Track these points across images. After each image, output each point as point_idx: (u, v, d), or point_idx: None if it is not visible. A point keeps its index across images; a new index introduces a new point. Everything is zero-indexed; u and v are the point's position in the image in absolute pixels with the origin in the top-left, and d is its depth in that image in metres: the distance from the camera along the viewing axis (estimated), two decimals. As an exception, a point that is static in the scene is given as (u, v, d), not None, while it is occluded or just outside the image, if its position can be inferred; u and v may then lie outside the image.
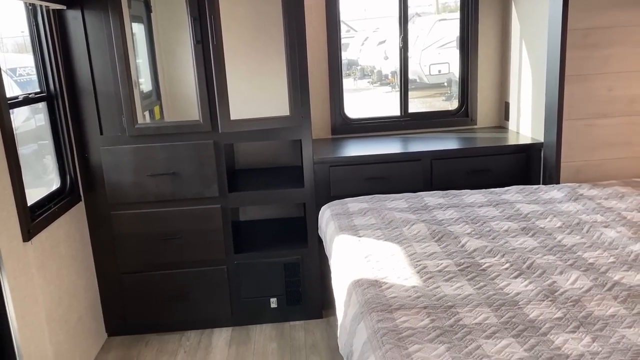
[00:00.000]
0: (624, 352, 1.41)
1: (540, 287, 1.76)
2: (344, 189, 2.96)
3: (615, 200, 2.47)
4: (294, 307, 3.03)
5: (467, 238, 2.15)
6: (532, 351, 1.44)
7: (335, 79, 3.36)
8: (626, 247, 2.01)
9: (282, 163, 3.38)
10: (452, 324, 1.58)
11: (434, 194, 2.68)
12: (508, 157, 2.98)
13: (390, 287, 1.80)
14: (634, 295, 1.68)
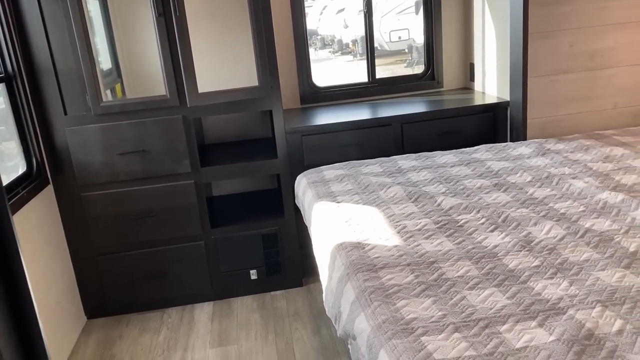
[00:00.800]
0: (600, 293, 1.49)
1: (516, 238, 1.83)
2: (317, 157, 2.97)
3: (580, 152, 2.56)
4: (274, 277, 3.05)
5: (443, 197, 2.20)
6: (514, 298, 1.50)
7: (301, 47, 3.34)
8: (594, 196, 2.09)
9: (252, 135, 3.35)
10: (436, 279, 1.63)
11: (407, 157, 2.71)
12: (476, 117, 3.04)
13: (373, 248, 1.84)
14: (605, 240, 1.76)
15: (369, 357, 1.41)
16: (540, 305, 1.45)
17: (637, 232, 1.79)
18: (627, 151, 2.50)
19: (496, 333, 1.36)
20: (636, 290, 1.48)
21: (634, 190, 2.10)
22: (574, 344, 1.29)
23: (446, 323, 1.41)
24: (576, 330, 1.33)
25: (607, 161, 2.42)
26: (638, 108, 2.90)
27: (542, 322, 1.38)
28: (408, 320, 1.43)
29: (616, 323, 1.35)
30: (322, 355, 2.49)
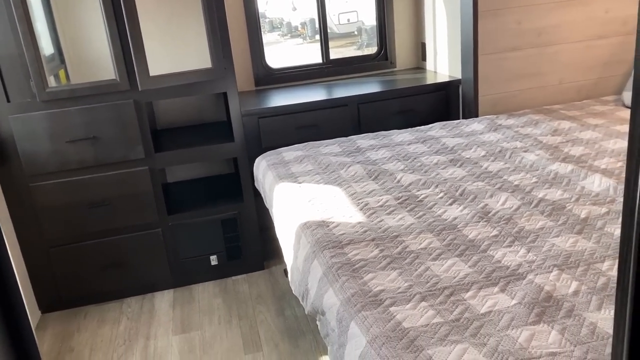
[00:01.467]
0: (556, 258, 1.56)
1: (474, 210, 1.88)
2: (275, 139, 2.95)
3: (530, 127, 2.65)
4: (235, 262, 3.03)
5: (402, 174, 2.24)
6: (475, 267, 1.55)
7: (253, 28, 3.29)
8: (546, 167, 2.18)
9: (206, 119, 3.29)
10: (400, 252, 1.66)
11: (364, 136, 2.74)
12: (429, 95, 3.09)
13: (337, 225, 1.85)
14: (558, 209, 1.84)
15: (339, 331, 1.43)
16: (501, 272, 1.51)
17: (587, 200, 1.88)
18: (574, 124, 2.61)
19: (461, 300, 1.40)
20: (589, 254, 1.56)
21: (582, 161, 2.20)
22: (535, 306, 1.35)
23: (413, 293, 1.44)
24: (536, 294, 1.39)
25: (555, 134, 2.52)
26: (582, 83, 3.03)
27: (504, 288, 1.44)
28: (376, 293, 1.45)
29: (572, 285, 1.42)
30: (287, 336, 2.50)
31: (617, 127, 2.51)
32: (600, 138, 2.41)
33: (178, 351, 2.47)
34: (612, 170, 2.08)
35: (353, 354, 1.32)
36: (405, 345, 1.24)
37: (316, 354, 2.36)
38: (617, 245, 1.59)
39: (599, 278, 1.44)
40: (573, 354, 1.17)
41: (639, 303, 0.66)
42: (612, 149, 2.28)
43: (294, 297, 2.79)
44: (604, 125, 2.57)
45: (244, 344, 2.48)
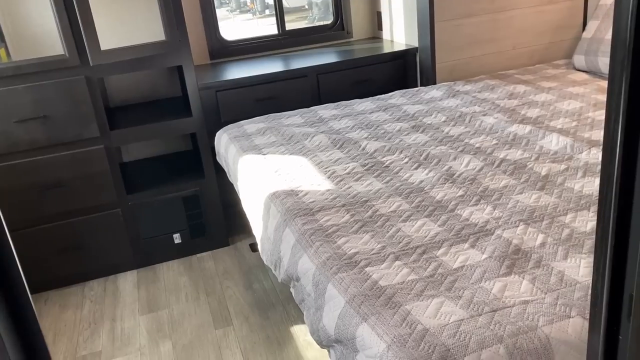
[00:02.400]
0: (521, 213, 1.61)
1: (439, 173, 1.92)
2: (234, 113, 2.90)
3: (487, 92, 2.70)
4: (199, 239, 2.99)
5: (366, 142, 2.25)
6: (445, 225, 1.58)
7: (205, 0, 3.20)
8: (505, 129, 2.23)
9: (160, 95, 3.20)
10: (370, 215, 1.67)
11: (326, 106, 2.73)
12: (387, 64, 3.10)
13: (307, 194, 1.85)
14: (519, 168, 1.90)
15: (316, 294, 1.44)
16: (470, 229, 1.55)
17: (546, 158, 1.94)
18: (529, 88, 2.68)
19: (433, 257, 1.43)
20: (552, 208, 1.61)
21: (539, 122, 2.26)
22: (505, 259, 1.39)
23: (386, 253, 1.46)
24: (505, 247, 1.44)
25: (512, 98, 2.58)
26: (534, 48, 3.10)
27: (474, 244, 1.48)
28: (350, 255, 1.47)
29: (538, 237, 1.47)
30: (257, 308, 2.50)
31: (569, 89, 2.60)
32: (554, 100, 2.49)
33: (146, 331, 2.43)
34: (568, 129, 2.15)
35: (332, 315, 1.33)
36: (383, 302, 1.26)
37: (287, 324, 2.37)
38: (577, 199, 1.65)
39: (563, 230, 1.49)
40: (544, 301, 1.22)
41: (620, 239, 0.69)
42: (567, 110, 2.36)
43: (261, 271, 2.79)
44: (557, 87, 2.65)
45: (214, 320, 2.46)
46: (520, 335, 1.13)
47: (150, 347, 2.33)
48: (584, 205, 1.60)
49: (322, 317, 1.38)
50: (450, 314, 1.20)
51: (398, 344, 1.13)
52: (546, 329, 1.14)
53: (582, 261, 1.35)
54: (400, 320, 1.20)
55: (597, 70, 2.76)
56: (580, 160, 1.89)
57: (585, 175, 1.78)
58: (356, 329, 1.23)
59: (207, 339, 2.35)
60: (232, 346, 2.28)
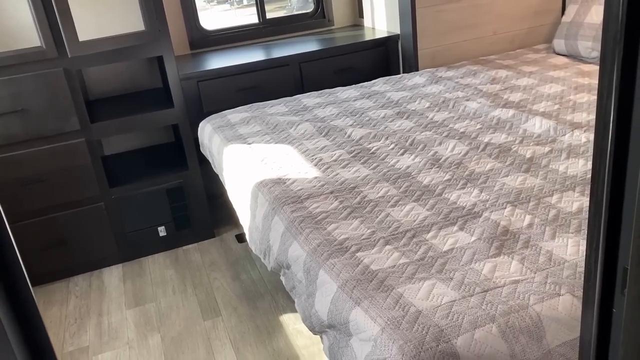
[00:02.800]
0: (508, 195, 1.62)
1: (425, 158, 1.93)
2: (216, 103, 2.87)
3: (470, 77, 2.72)
4: (185, 231, 2.97)
5: (351, 129, 2.24)
6: (433, 209, 1.59)
7: (185, -11, 3.15)
8: (488, 114, 2.25)
9: (141, 87, 3.15)
10: (359, 202, 1.68)
11: (309, 95, 2.72)
12: (369, 52, 3.10)
13: (294, 182, 1.84)
14: (504, 151, 1.91)
15: (307, 281, 1.44)
16: (458, 212, 1.56)
17: (530, 141, 1.97)
18: (510, 72, 2.70)
19: (423, 241, 1.44)
20: (538, 190, 1.63)
21: (522, 106, 2.29)
22: (494, 240, 1.40)
23: (376, 238, 1.47)
24: (493, 229, 1.45)
25: (494, 83, 2.60)
26: (515, 33, 3.13)
27: (462, 226, 1.49)
28: (341, 241, 1.47)
29: (526, 218, 1.49)
30: (245, 299, 2.50)
31: (550, 73, 2.62)
32: (536, 84, 2.52)
33: (134, 324, 2.41)
34: (551, 112, 2.18)
35: (324, 300, 1.33)
36: (376, 286, 1.27)
37: (276, 314, 2.37)
38: (562, 180, 1.68)
39: (549, 211, 1.51)
40: (534, 280, 1.24)
41: (613, 213, 0.70)
42: (549, 93, 2.38)
43: (248, 261, 2.78)
44: (538, 72, 2.68)
45: (202, 311, 2.45)
46: (511, 314, 1.15)
47: (138, 340, 2.32)
48: (569, 186, 1.63)
49: (315, 303, 1.38)
50: (442, 296, 1.21)
51: (392, 326, 1.13)
52: (537, 307, 1.16)
53: (570, 240, 1.37)
54: (393, 303, 1.20)
55: (577, 54, 2.79)
56: (563, 142, 1.92)
57: (569, 157, 1.81)
58: (349, 314, 1.23)
59: (196, 330, 2.34)
60: (222, 337, 2.28)
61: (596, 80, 2.41)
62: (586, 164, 1.74)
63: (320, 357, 2.08)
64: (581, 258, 1.30)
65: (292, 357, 2.12)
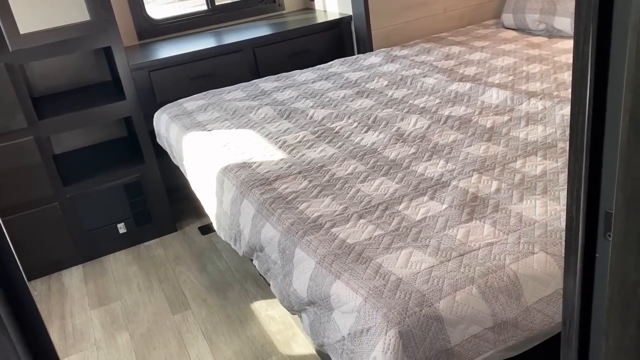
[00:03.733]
0: (473, 164, 1.65)
1: (389, 134, 1.94)
2: (170, 93, 2.79)
3: (424, 55, 2.75)
4: (145, 226, 2.88)
5: (313, 110, 2.23)
6: (402, 182, 1.60)
7: (128, -23, 3.04)
8: (446, 88, 2.28)
9: (88, 81, 3.03)
10: (328, 180, 1.67)
11: (267, 79, 2.68)
12: (323, 34, 3.08)
13: (260, 164, 1.82)
14: (465, 122, 1.95)
15: (283, 261, 1.42)
16: (427, 183, 1.58)
17: (489, 111, 2.01)
18: (463, 48, 2.75)
19: (396, 212, 1.45)
20: (501, 157, 1.67)
21: (477, 79, 2.33)
22: (464, 207, 1.43)
23: (350, 213, 1.46)
24: (463, 196, 1.47)
25: (448, 59, 2.64)
26: (464, 10, 3.18)
27: (433, 196, 1.50)
28: (315, 219, 1.46)
29: (493, 184, 1.52)
30: (214, 290, 2.46)
31: (502, 47, 2.68)
32: (489, 58, 2.57)
33: (100, 324, 2.34)
34: (506, 84, 2.23)
35: (302, 277, 1.32)
36: (354, 259, 1.26)
37: (247, 302, 2.35)
38: (524, 146, 1.72)
39: (515, 175, 1.55)
40: (508, 241, 1.27)
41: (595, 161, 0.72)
42: (502, 66, 2.44)
43: (214, 252, 2.74)
44: (489, 46, 2.73)
45: (170, 305, 2.40)
46: (490, 274, 1.17)
47: (106, 340, 2.24)
48: (531, 151, 1.67)
49: (292, 282, 1.37)
50: (420, 262, 1.22)
51: (374, 296, 1.13)
52: (513, 266, 1.19)
53: (537, 202, 1.41)
54: (373, 273, 1.20)
55: (525, 27, 2.86)
56: (521, 110, 1.97)
57: (528, 124, 1.85)
58: (330, 287, 1.22)
59: (166, 325, 2.28)
60: (193, 329, 2.24)
61: (546, 51, 2.48)
62: (545, 130, 1.79)
63: (294, 340, 2.08)
64: (550, 217, 1.34)
65: (267, 343, 2.10)
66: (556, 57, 2.43)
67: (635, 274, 0.68)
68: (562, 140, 1.71)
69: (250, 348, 2.09)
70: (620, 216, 0.67)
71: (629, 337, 0.71)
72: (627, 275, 0.68)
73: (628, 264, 0.68)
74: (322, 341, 1.26)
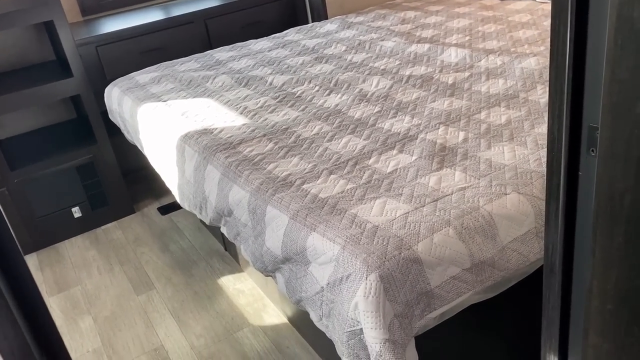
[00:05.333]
0: (438, 117, 1.65)
1: (352, 95, 1.91)
2: (120, 69, 2.67)
3: (380, 20, 2.73)
4: (102, 210, 2.77)
5: (272, 77, 2.18)
6: (370, 139, 1.58)
7: (68, -51, 2.88)
8: (405, 50, 2.27)
9: (29, 61, 2.86)
10: (294, 141, 1.63)
11: (221, 49, 2.60)
12: (276, 4, 3.01)
13: (222, 130, 1.76)
14: (426, 81, 1.94)
15: (254, 222, 1.38)
16: (394, 138, 1.56)
17: (449, 69, 2.01)
18: (418, 13, 2.75)
19: (366, 167, 1.43)
20: (465, 109, 1.67)
21: (435, 41, 2.33)
22: (434, 156, 1.42)
23: (319, 170, 1.43)
24: (431, 147, 1.47)
25: (404, 23, 2.63)
26: (416, -24, 3.18)
27: (401, 149, 1.49)
28: (284, 177, 1.42)
29: (460, 135, 1.52)
30: (179, 268, 2.39)
31: (456, 10, 2.70)
32: (444, 20, 2.57)
33: (60, 310, 2.23)
34: (463, 43, 2.24)
35: (275, 235, 1.28)
36: (328, 211, 1.24)
37: (213, 278, 2.29)
38: (487, 98, 1.73)
39: (480, 125, 1.55)
40: (480, 185, 1.27)
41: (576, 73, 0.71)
42: (457, 27, 2.45)
43: (176, 232, 2.66)
44: (444, 10, 2.74)
45: (134, 287, 2.32)
46: (465, 216, 1.16)
47: (68, 326, 2.15)
48: (494, 103, 1.68)
49: (265, 241, 1.33)
50: (395, 210, 1.21)
51: (352, 243, 1.11)
52: (487, 207, 1.19)
53: (505, 148, 1.41)
54: (349, 223, 1.18)
55: (477, -9, 2.89)
56: (480, 67, 1.98)
57: (489, 79, 1.86)
58: (305, 241, 1.19)
59: (130, 306, 2.20)
60: (160, 308, 2.17)
61: (499, 12, 2.50)
62: (506, 83, 1.80)
63: (265, 312, 2.04)
64: (519, 161, 1.34)
65: (237, 316, 2.06)
66: (510, 18, 2.46)
67: (623, 182, 0.67)
68: (524, 91, 1.73)
69: (220, 322, 2.04)
70: (606, 122, 0.66)
71: (616, 248, 0.71)
72: (615, 185, 0.68)
73: (615, 174, 0.68)
74: (299, 296, 1.24)
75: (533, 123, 1.52)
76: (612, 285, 0.72)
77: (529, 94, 1.70)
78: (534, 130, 1.48)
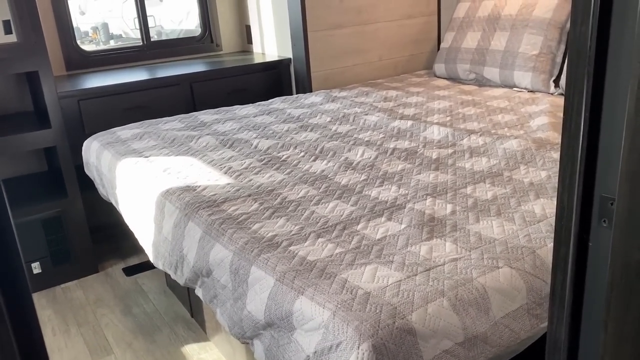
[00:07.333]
0: (425, 189, 1.65)
1: (338, 162, 1.92)
2: (100, 124, 2.64)
3: (363, 97, 2.81)
4: (63, 266, 2.63)
5: (257, 140, 2.18)
6: (357, 205, 1.57)
7: (58, 5, 2.91)
8: (388, 125, 2.32)
9: (6, 110, 2.80)
10: (280, 202, 1.60)
11: (206, 112, 2.61)
12: (262, 74, 3.08)
13: (205, 188, 1.72)
14: (411, 154, 1.97)
15: (235, 283, 1.32)
16: (382, 206, 1.55)
17: (433, 145, 2.05)
18: (400, 92, 2.84)
19: (355, 232, 1.40)
20: (451, 183, 1.69)
21: (417, 118, 2.39)
22: (423, 226, 1.41)
23: (307, 232, 1.40)
24: (420, 217, 1.46)
25: (387, 101, 2.71)
26: (398, 59, 3.31)
27: (390, 217, 1.48)
28: (270, 238, 1.38)
29: (448, 207, 1.52)
30: (140, 333, 2.25)
31: (436, 92, 2.80)
32: (425, 101, 2.66)
33: (6, 374, 2.04)
34: (445, 122, 2.30)
35: (259, 298, 1.22)
36: (317, 275, 1.19)
37: (177, 345, 2.16)
38: (471, 175, 1.75)
39: (467, 199, 1.56)
40: (471, 257, 1.25)
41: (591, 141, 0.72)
42: (439, 108, 2.53)
43: (140, 295, 2.53)
44: (424, 91, 2.84)
45: (91, 351, 2.16)
46: (459, 287, 1.14)
47: (13, 391, 1.96)
48: (479, 179, 1.70)
49: (246, 304, 1.27)
50: (387, 277, 1.17)
51: (344, 309, 1.06)
52: (481, 279, 1.17)
53: (494, 222, 1.42)
54: (339, 288, 1.14)
55: (456, 76, 3.02)
56: (463, 145, 2.02)
57: (472, 156, 1.90)
58: (292, 305, 1.14)
59: (85, 373, 2.04)
60: (117, 376, 2.02)
61: (478, 97, 2.60)
62: (489, 161, 1.84)
63: (233, 384, 1.92)
64: (509, 236, 1.34)
65: (201, 388, 1.93)
66: (488, 102, 2.57)
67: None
68: (507, 170, 1.76)
69: (183, 394, 1.90)
70: (623, 192, 0.66)
71: (630, 322, 0.69)
72: (632, 256, 0.67)
73: (632, 244, 0.67)
74: (281, 365, 1.16)
75: (519, 200, 1.54)
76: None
77: (513, 173, 1.74)
78: (520, 207, 1.49)
